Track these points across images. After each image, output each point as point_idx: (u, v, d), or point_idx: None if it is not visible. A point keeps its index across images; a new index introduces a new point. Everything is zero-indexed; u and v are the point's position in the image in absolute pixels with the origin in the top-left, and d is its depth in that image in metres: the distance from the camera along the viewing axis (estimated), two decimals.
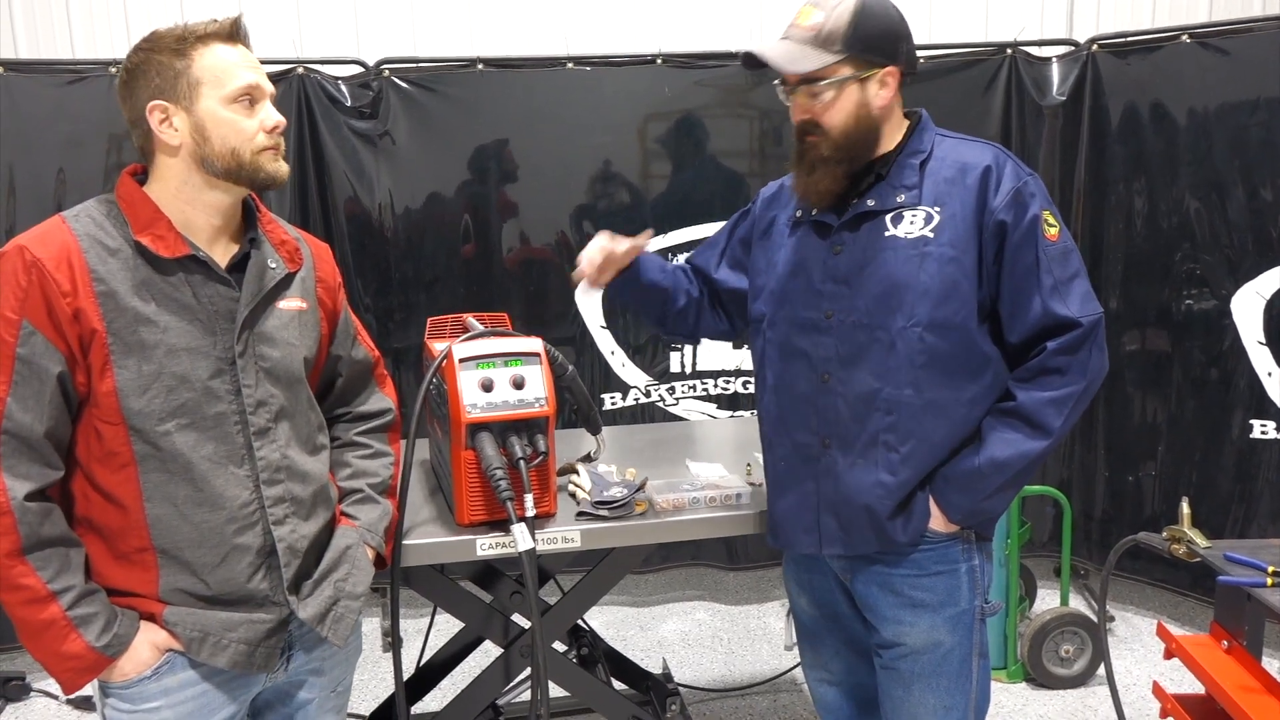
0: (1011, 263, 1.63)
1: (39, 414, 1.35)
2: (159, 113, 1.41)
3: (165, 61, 1.41)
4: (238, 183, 1.45)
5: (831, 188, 1.69)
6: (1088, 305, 1.63)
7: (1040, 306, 1.62)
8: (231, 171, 1.43)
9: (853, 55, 1.63)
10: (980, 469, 1.65)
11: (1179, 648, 1.83)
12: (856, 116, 1.65)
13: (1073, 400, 1.63)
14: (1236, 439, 3.23)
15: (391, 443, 1.79)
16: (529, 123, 3.48)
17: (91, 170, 3.18)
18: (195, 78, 1.41)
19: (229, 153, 1.42)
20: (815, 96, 1.65)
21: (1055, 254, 1.63)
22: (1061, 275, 1.62)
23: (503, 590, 2.17)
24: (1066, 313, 1.61)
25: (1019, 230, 1.62)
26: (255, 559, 1.47)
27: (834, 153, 1.66)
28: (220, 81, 1.42)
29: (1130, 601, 3.63)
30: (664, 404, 3.71)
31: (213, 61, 1.42)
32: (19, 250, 1.36)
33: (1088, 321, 1.61)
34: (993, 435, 1.66)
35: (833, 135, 1.65)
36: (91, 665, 1.38)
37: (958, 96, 3.53)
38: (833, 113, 1.65)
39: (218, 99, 1.42)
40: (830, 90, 1.64)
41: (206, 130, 1.42)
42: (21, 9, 3.98)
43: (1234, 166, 3.15)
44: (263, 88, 1.46)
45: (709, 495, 2.00)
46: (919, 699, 1.75)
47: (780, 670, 3.19)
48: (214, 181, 1.44)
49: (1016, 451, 1.64)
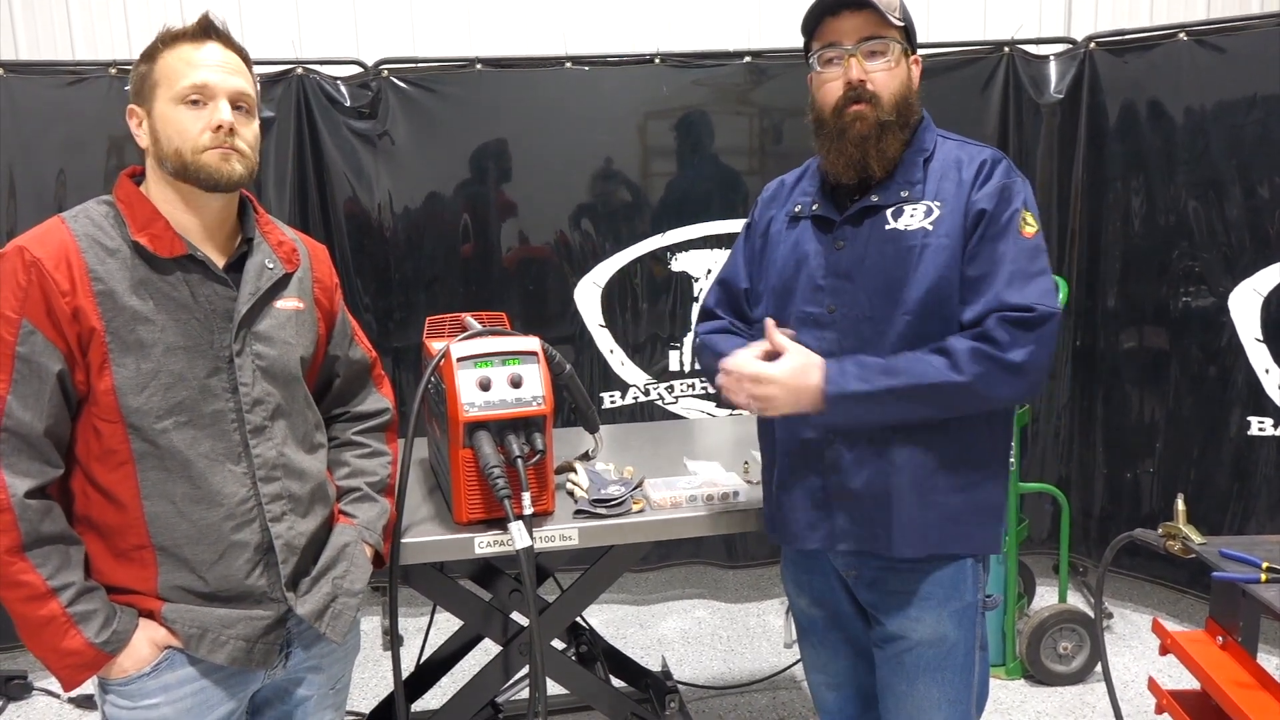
0: (979, 248, 1.62)
1: (39, 412, 1.36)
2: (134, 117, 1.46)
3: (142, 67, 1.45)
4: (188, 183, 1.44)
5: (898, 153, 1.68)
6: (1046, 299, 1.60)
7: (993, 293, 1.59)
8: (179, 172, 1.43)
9: (906, 29, 1.67)
10: (886, 365, 1.60)
11: (1174, 644, 1.84)
12: (906, 90, 1.68)
13: (996, 364, 1.56)
14: (1234, 436, 3.24)
15: (389, 442, 1.80)
16: (528, 122, 3.49)
17: (92, 171, 3.20)
18: (154, 80, 1.43)
19: (174, 153, 1.42)
20: (880, 56, 1.66)
21: (1025, 248, 1.63)
22: (1025, 268, 1.61)
23: (501, 588, 2.18)
24: (1021, 300, 1.58)
25: (998, 222, 1.63)
26: (253, 556, 1.48)
27: (894, 115, 1.66)
28: (170, 82, 1.42)
29: (1128, 598, 3.63)
30: (663, 403, 3.72)
31: (171, 62, 1.43)
32: (18, 250, 1.37)
33: (1041, 309, 1.58)
34: (909, 353, 1.62)
35: (885, 101, 1.65)
36: (91, 662, 1.39)
37: (955, 94, 3.53)
38: (889, 78, 1.66)
39: (167, 99, 1.42)
40: (891, 53, 1.66)
41: (157, 131, 1.44)
42: (22, 10, 3.99)
43: (1231, 164, 3.16)
44: (213, 86, 1.43)
45: (706, 493, 2.00)
46: (924, 693, 1.75)
47: (779, 668, 3.20)
48: (173, 182, 1.45)
49: (921, 368, 1.58)
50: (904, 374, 1.59)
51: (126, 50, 3.94)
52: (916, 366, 1.60)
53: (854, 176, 1.70)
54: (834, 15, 1.67)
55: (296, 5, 4.11)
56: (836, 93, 1.68)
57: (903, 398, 1.59)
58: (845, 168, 1.69)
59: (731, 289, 1.93)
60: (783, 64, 3.46)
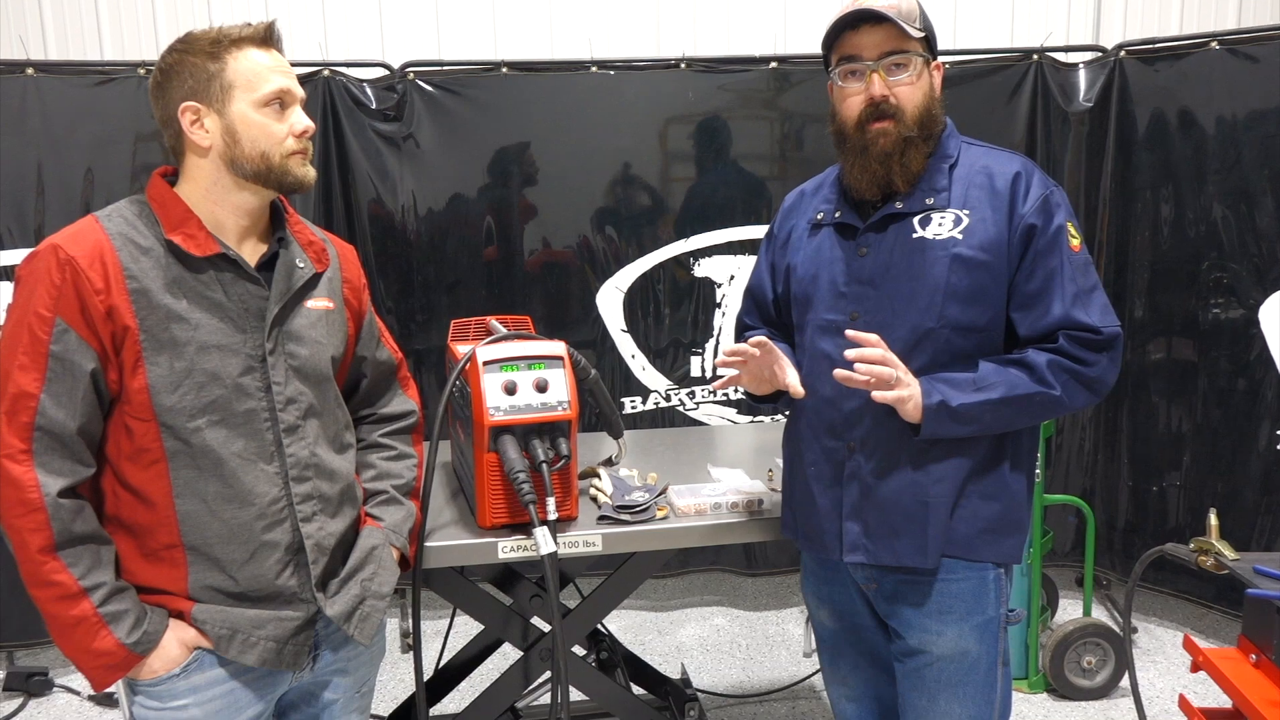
0: (1034, 265, 1.63)
1: (72, 410, 1.36)
2: (190, 114, 1.43)
3: (199, 64, 1.42)
4: (265, 185, 1.47)
5: (921, 165, 1.67)
6: (1108, 317, 1.63)
7: (1061, 310, 1.61)
8: (260, 174, 1.45)
9: (926, 37, 1.66)
10: (976, 379, 1.61)
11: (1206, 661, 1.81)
12: (929, 101, 1.66)
13: (1075, 376, 1.61)
14: (1264, 450, 3.19)
15: (415, 444, 1.80)
16: (551, 126, 3.49)
17: (119, 170, 3.22)
18: (228, 81, 1.42)
19: (258, 156, 1.44)
20: (901, 68, 1.64)
21: (1078, 264, 1.64)
22: (1084, 285, 1.63)
23: (522, 593, 2.17)
24: (1087, 320, 1.61)
25: (1045, 236, 1.62)
26: (284, 555, 1.48)
27: (918, 130, 1.64)
28: (252, 85, 1.43)
29: (1153, 613, 3.59)
30: (684, 408, 3.71)
31: (246, 65, 1.43)
32: (53, 249, 1.37)
33: (1108, 332, 1.62)
34: (990, 364, 1.63)
35: (908, 114, 1.64)
36: (122, 662, 1.39)
37: (983, 102, 3.51)
38: (912, 90, 1.65)
39: (249, 102, 1.43)
40: (918, 65, 1.64)
41: (237, 133, 1.43)
42: (52, 11, 4.03)
43: (1263, 174, 3.12)
44: (294, 93, 1.48)
45: (731, 500, 1.99)
46: (944, 709, 1.73)
47: (799, 677, 3.18)
48: (242, 183, 1.46)
49: (1011, 380, 1.60)
50: (997, 386, 1.60)
51: (154, 51, 3.97)
52: (1005, 378, 1.61)
53: (877, 193, 1.69)
54: (854, 29, 1.65)
55: (323, 8, 4.13)
56: (858, 107, 1.66)
57: (999, 407, 1.61)
58: (869, 185, 1.68)
59: (759, 298, 1.94)
60: (807, 70, 3.45)
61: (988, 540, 1.69)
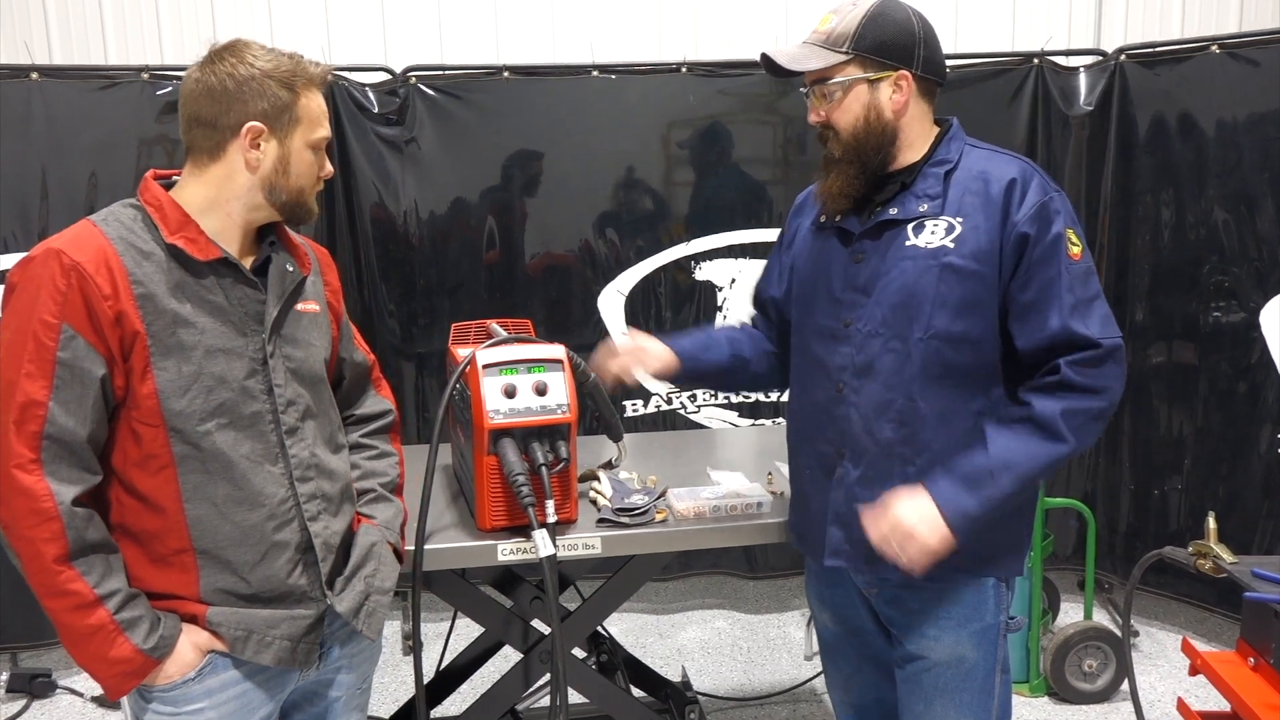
0: (1029, 275, 1.58)
1: (81, 418, 1.36)
2: (254, 134, 1.45)
3: (276, 91, 1.45)
4: (282, 212, 1.52)
5: (845, 190, 1.67)
6: (1108, 328, 1.59)
7: (1059, 323, 1.57)
8: (288, 205, 1.51)
9: (860, 56, 1.63)
10: (990, 467, 1.56)
11: (1205, 664, 1.81)
12: (866, 119, 1.64)
13: (1088, 415, 1.57)
14: (1265, 453, 3.19)
15: (393, 442, 1.82)
16: (553, 130, 3.50)
17: (123, 174, 3.22)
18: (297, 115, 1.47)
19: (297, 190, 1.50)
20: (826, 97, 1.67)
21: (1078, 273, 1.59)
22: (1083, 295, 1.58)
23: (523, 596, 2.18)
24: (1086, 332, 1.56)
25: (1041, 245, 1.58)
26: (294, 555, 1.49)
27: (844, 153, 1.66)
28: (312, 126, 1.50)
29: (1154, 616, 3.59)
30: (685, 411, 3.71)
31: (314, 105, 1.50)
32: (55, 254, 1.35)
33: (1108, 344, 1.57)
34: (1001, 436, 1.59)
35: (842, 136, 1.66)
36: (139, 669, 1.39)
37: (984, 106, 3.52)
38: (840, 112, 1.65)
39: (306, 140, 1.49)
40: (838, 90, 1.65)
41: (289, 165, 1.48)
42: (56, 15, 4.04)
43: (1263, 178, 3.12)
44: (331, 140, 1.55)
45: (730, 504, 1.99)
46: (941, 714, 1.73)
47: (800, 680, 3.18)
48: (265, 206, 1.50)
49: (1027, 453, 1.56)
50: (1012, 468, 1.56)
51: (158, 55, 3.98)
52: (1017, 453, 1.57)
53: (846, 204, 1.70)
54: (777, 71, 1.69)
55: (326, 11, 4.14)
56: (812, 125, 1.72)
57: (1020, 485, 1.58)
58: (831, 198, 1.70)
59: (760, 296, 1.97)
60: None
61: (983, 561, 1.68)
